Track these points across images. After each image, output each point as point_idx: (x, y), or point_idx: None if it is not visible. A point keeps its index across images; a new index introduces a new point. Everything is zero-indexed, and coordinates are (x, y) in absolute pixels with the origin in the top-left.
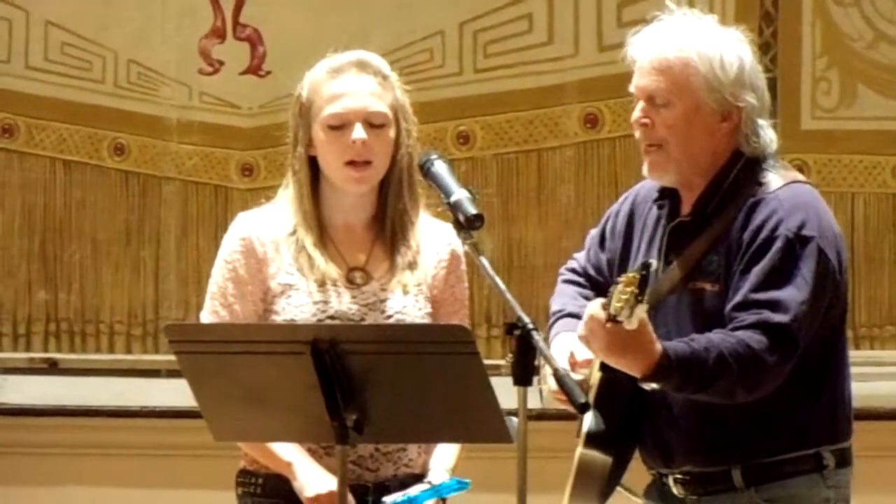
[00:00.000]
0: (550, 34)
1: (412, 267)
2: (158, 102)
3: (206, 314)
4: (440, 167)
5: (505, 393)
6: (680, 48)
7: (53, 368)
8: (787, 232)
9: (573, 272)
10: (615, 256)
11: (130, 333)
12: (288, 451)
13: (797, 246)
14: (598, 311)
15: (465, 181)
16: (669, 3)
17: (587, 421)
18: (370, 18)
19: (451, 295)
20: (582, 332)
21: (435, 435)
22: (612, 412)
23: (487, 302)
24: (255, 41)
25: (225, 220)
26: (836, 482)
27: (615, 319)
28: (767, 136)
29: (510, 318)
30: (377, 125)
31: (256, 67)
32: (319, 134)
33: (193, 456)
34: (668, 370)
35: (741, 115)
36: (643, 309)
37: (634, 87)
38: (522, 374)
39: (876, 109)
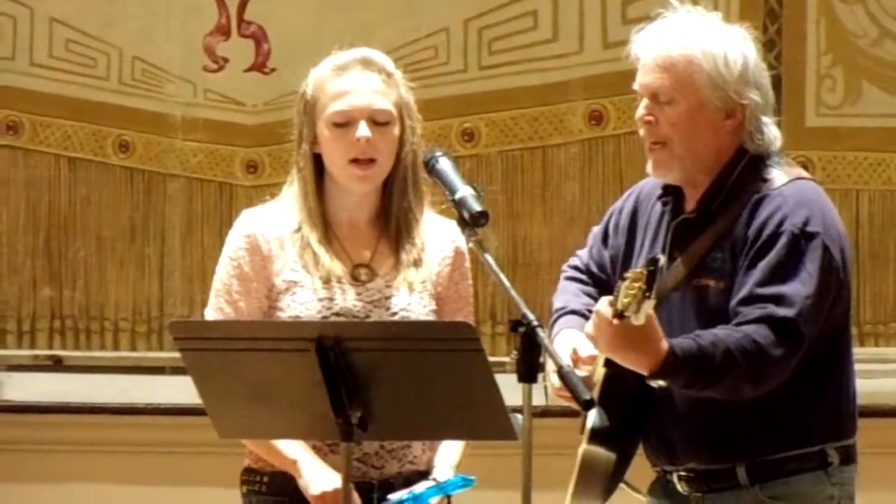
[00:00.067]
0: (555, 31)
1: (417, 264)
2: (163, 99)
3: (210, 311)
4: (445, 164)
5: (509, 390)
6: (684, 45)
7: (58, 365)
8: (791, 228)
9: (576, 269)
10: (618, 253)
11: (135, 330)
12: (293, 448)
13: (802, 241)
14: (605, 307)
15: (469, 178)
16: (674, 0)
17: (591, 417)
18: (375, 15)
19: (455, 292)
20: (589, 329)
21: (440, 432)
22: (616, 409)
23: (492, 299)
24: (259, 38)
25: (230, 216)
26: (840, 479)
27: (622, 315)
28: (771, 133)
29: (515, 314)
30: (382, 123)
31: (261, 64)
32: (324, 131)
33: (198, 453)
34: (675, 367)
35: (745, 112)
36: (651, 304)
37: (638, 84)
38: (527, 370)
39: (881, 106)
